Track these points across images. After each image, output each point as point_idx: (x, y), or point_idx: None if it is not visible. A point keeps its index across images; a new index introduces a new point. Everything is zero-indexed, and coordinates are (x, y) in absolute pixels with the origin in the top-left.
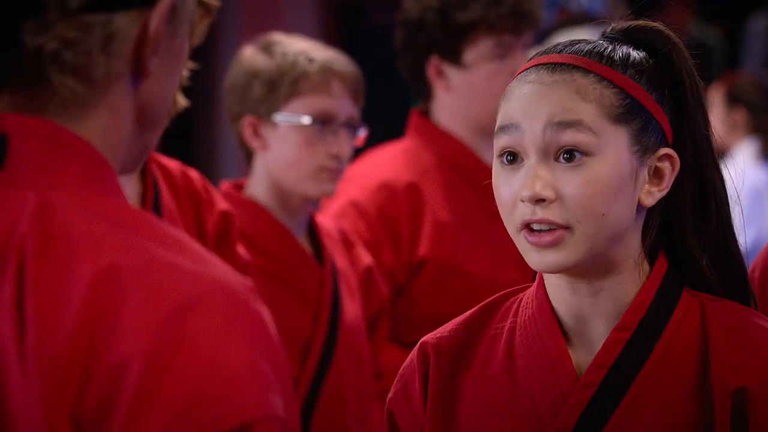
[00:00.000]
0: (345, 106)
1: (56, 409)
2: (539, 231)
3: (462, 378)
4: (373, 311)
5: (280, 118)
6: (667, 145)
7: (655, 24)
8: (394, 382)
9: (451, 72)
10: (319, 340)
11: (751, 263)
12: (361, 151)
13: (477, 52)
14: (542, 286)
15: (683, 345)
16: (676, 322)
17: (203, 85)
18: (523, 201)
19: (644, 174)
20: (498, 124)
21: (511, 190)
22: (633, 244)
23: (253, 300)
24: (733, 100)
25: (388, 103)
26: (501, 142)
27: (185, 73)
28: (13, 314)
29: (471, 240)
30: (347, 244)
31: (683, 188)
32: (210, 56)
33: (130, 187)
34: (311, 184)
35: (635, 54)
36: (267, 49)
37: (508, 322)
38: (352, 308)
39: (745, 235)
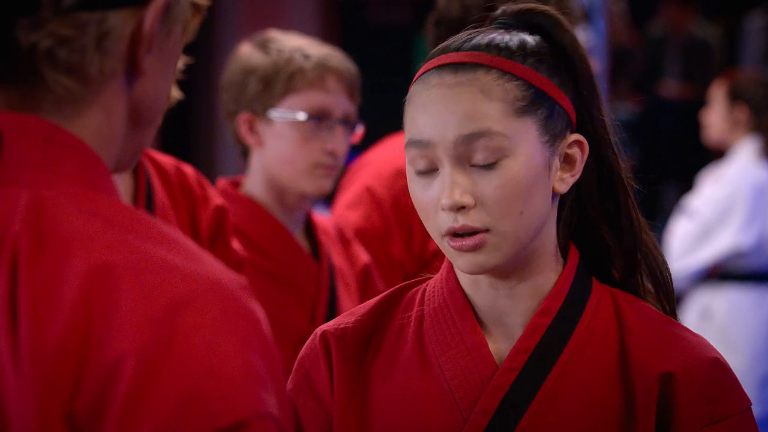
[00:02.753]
0: (341, 103)
1: (50, 408)
2: (462, 236)
3: (370, 368)
4: None
5: (276, 114)
6: (573, 130)
7: (544, 8)
8: (293, 372)
9: None
10: None
11: None
12: (358, 148)
13: None
14: (452, 272)
15: (600, 331)
16: (591, 309)
17: (202, 83)
18: (444, 210)
19: (556, 162)
20: (408, 135)
21: (430, 195)
22: (549, 233)
23: (247, 298)
24: (735, 97)
25: (387, 100)
26: (413, 155)
27: (180, 66)
28: (6, 312)
29: None
30: (344, 242)
31: (588, 174)
32: (209, 53)
33: (122, 183)
34: (307, 180)
35: (530, 41)
36: (263, 46)
37: (414, 311)
38: (349, 305)
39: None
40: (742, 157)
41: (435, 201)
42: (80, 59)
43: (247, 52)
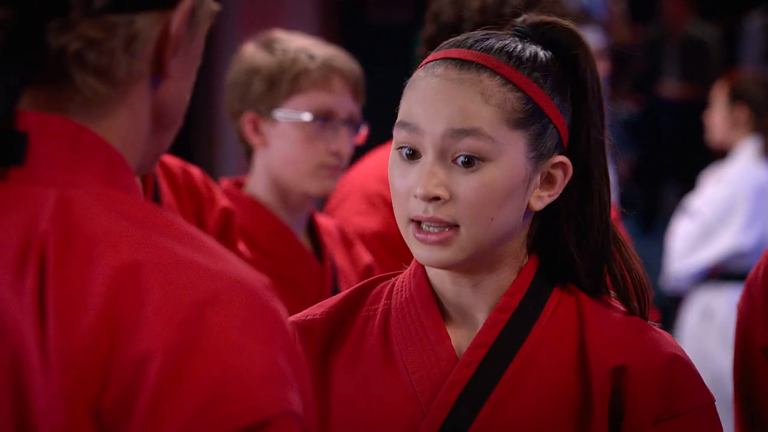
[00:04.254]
0: (346, 103)
1: (77, 405)
2: (427, 229)
3: (335, 360)
4: None
5: (281, 114)
6: (562, 151)
7: (566, 23)
8: None
9: None
10: None
11: (756, 263)
12: (361, 149)
13: None
14: (421, 268)
15: (560, 327)
16: (552, 306)
17: (203, 84)
18: (416, 197)
19: (537, 179)
20: (399, 116)
21: (407, 183)
22: (517, 243)
23: (271, 297)
24: (735, 97)
25: (388, 100)
26: (400, 137)
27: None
28: (35, 310)
29: None
30: (347, 243)
31: (570, 190)
32: (209, 54)
33: None
34: (311, 181)
35: (542, 55)
36: (268, 46)
37: (381, 304)
38: None
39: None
40: (744, 158)
41: (410, 187)
42: (108, 61)
43: (251, 52)
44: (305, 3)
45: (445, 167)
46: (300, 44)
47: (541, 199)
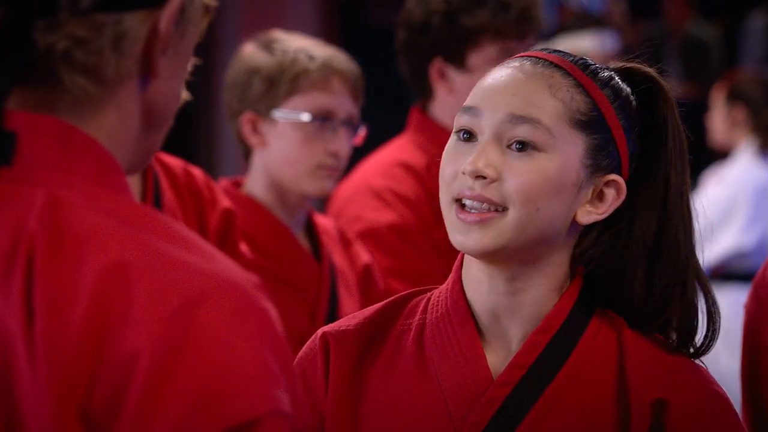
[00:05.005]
0: (345, 104)
1: (65, 404)
2: (470, 208)
3: (368, 372)
4: None
5: (280, 114)
6: (620, 174)
7: (647, 69)
8: None
9: (454, 74)
10: None
11: (764, 263)
12: (360, 150)
13: (482, 56)
14: (459, 282)
15: (599, 354)
16: (592, 332)
17: (203, 83)
18: (464, 173)
19: (588, 191)
20: (466, 102)
21: (457, 165)
22: (560, 257)
23: (260, 296)
24: (733, 97)
25: (387, 101)
26: (461, 121)
27: (189, 68)
28: (22, 309)
29: None
30: (345, 243)
31: (646, 224)
32: (209, 54)
33: (130, 184)
34: (309, 181)
35: (618, 81)
36: (267, 46)
37: (416, 319)
38: (349, 306)
39: (749, 233)
40: (744, 158)
41: (460, 168)
42: (97, 60)
43: (251, 52)
44: (305, 3)
45: (498, 150)
46: (300, 45)
47: (588, 214)
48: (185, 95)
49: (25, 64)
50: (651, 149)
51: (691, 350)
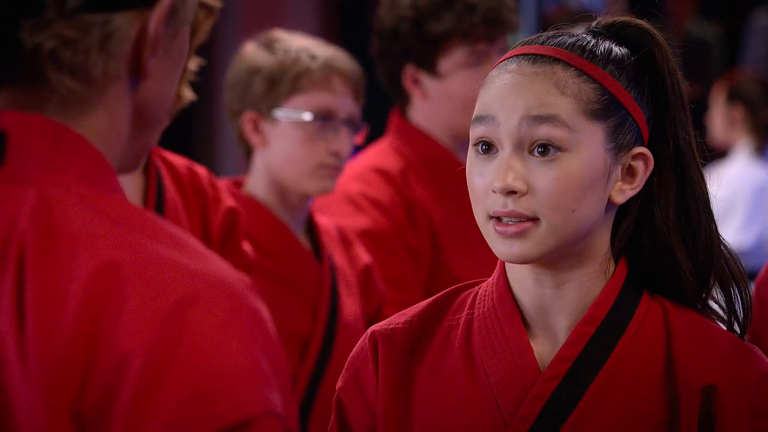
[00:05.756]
0: (346, 104)
1: (56, 405)
2: (507, 222)
3: (417, 369)
4: (372, 310)
5: (281, 114)
6: (642, 144)
7: (639, 21)
8: (344, 371)
9: (427, 80)
10: (318, 337)
11: (766, 263)
12: (360, 149)
13: (452, 61)
14: (504, 277)
15: (646, 342)
16: (639, 319)
17: (203, 83)
18: (494, 192)
19: (617, 172)
20: (475, 113)
21: (485, 180)
22: (601, 240)
23: (252, 297)
24: (732, 97)
25: (387, 100)
26: (477, 131)
27: (193, 68)
28: (14, 310)
29: (453, 238)
30: (345, 243)
31: (666, 188)
32: (210, 54)
33: (132, 182)
34: (310, 180)
35: (617, 50)
36: (269, 45)
37: (464, 313)
38: (350, 305)
39: (747, 232)
40: (742, 158)
41: (488, 184)
42: (84, 60)
43: (252, 51)
44: (305, 3)
45: (522, 160)
46: (301, 44)
47: (623, 192)
48: (191, 95)
49: (13, 64)
50: (654, 105)
51: (737, 327)
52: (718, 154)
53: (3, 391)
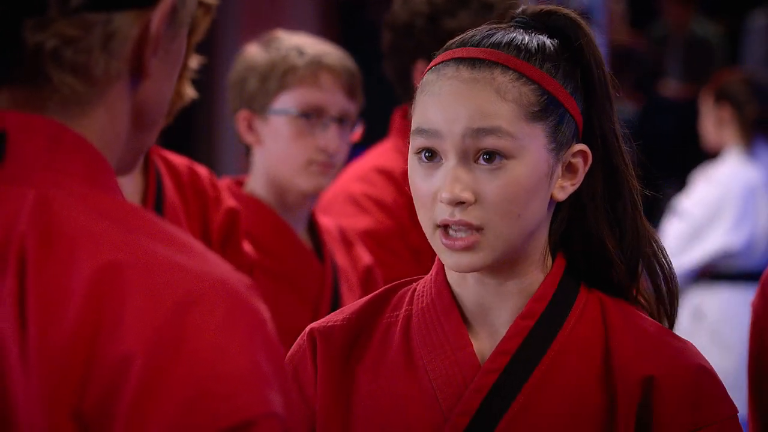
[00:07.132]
0: (337, 100)
1: (57, 406)
2: (454, 234)
3: (356, 366)
4: None
5: (271, 111)
6: (579, 140)
7: (566, 12)
8: None
9: None
10: None
11: (766, 269)
12: (358, 147)
13: None
14: (442, 272)
15: (585, 335)
16: (577, 313)
17: (204, 84)
18: (442, 201)
19: (558, 170)
20: (415, 123)
21: (431, 187)
22: (541, 237)
23: (252, 297)
24: (719, 97)
25: (388, 98)
26: (418, 142)
27: (194, 66)
28: (15, 310)
29: None
30: (347, 244)
31: (594, 180)
32: (210, 53)
33: (131, 182)
34: (302, 177)
35: (549, 44)
36: (266, 45)
37: (403, 310)
38: None
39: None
40: (733, 158)
41: (434, 192)
42: (86, 60)
43: (251, 51)
44: (305, 3)
45: (468, 169)
46: (294, 42)
47: (563, 189)
48: (193, 94)
49: (14, 63)
50: (584, 97)
51: (665, 319)
52: (710, 155)
53: (4, 391)
